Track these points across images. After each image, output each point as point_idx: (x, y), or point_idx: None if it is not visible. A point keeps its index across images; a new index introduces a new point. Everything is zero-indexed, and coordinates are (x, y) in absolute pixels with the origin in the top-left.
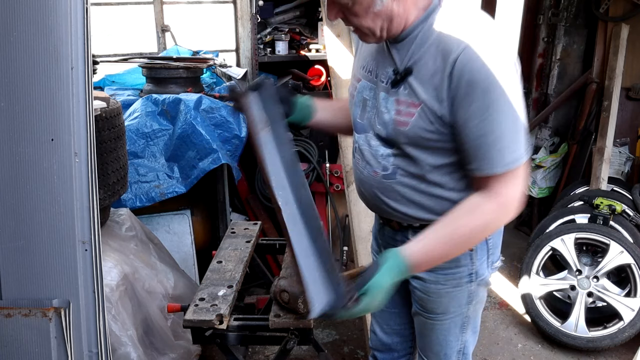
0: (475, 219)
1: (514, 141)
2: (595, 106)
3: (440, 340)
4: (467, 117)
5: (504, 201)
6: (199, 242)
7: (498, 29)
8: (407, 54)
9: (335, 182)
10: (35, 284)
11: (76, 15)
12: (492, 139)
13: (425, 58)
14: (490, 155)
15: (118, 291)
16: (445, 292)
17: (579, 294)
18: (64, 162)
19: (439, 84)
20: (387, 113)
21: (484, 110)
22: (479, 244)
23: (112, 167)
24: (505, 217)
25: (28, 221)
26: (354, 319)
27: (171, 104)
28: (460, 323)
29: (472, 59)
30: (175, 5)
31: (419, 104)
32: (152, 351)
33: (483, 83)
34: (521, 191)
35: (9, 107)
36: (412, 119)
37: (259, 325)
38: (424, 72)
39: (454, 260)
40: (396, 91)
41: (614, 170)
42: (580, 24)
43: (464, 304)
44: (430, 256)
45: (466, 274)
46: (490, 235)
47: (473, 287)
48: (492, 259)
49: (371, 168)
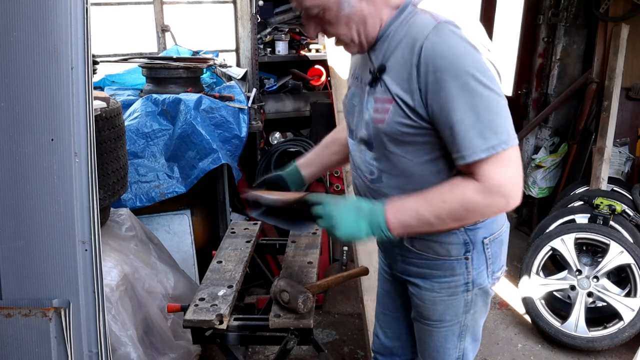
0: (454, 192)
1: (495, 123)
2: (595, 106)
3: (438, 347)
4: (441, 105)
5: (490, 185)
6: (199, 242)
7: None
8: (382, 52)
9: (335, 182)
10: (35, 284)
11: (76, 15)
12: (469, 124)
13: (396, 53)
14: (469, 141)
15: (118, 291)
16: (440, 300)
17: (579, 294)
18: (64, 162)
19: (408, 76)
20: (368, 113)
21: (456, 95)
22: (475, 253)
23: (112, 167)
24: (497, 203)
25: (28, 221)
26: (354, 319)
27: (171, 104)
28: (458, 331)
29: (436, 44)
30: (175, 5)
31: (392, 99)
32: (152, 351)
33: (450, 67)
34: (513, 176)
35: (9, 107)
36: (387, 115)
37: (259, 325)
38: (396, 67)
39: (448, 268)
40: (374, 90)
41: (614, 170)
42: (580, 24)
43: (460, 312)
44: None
45: (462, 282)
46: (488, 244)
47: (470, 296)
48: (493, 268)
49: (362, 173)
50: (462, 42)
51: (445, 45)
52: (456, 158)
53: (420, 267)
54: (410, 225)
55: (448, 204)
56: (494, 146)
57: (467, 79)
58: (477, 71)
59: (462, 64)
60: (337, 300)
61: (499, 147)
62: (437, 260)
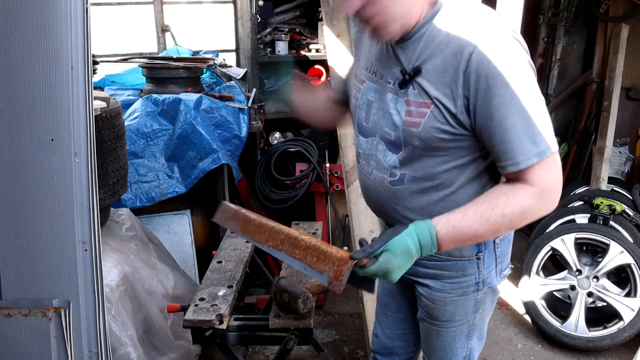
0: (513, 203)
1: (544, 128)
2: (595, 106)
3: (446, 347)
4: (492, 112)
5: (543, 189)
6: (199, 242)
7: (503, 20)
8: (415, 53)
9: (335, 182)
10: (35, 284)
11: (76, 15)
12: (522, 130)
13: (436, 56)
14: (523, 147)
15: (118, 291)
16: (452, 300)
17: (579, 294)
18: (64, 162)
19: (452, 82)
20: (397, 115)
21: (510, 102)
22: (486, 252)
23: (112, 167)
24: (546, 206)
25: (28, 221)
26: (354, 319)
27: (171, 104)
28: (467, 331)
29: (487, 53)
30: (175, 5)
31: (431, 103)
32: (152, 351)
33: (502, 76)
34: (560, 179)
35: (9, 107)
36: (424, 119)
37: (259, 325)
38: (434, 71)
39: (460, 269)
40: (405, 92)
41: (614, 170)
42: (580, 24)
43: (470, 312)
44: (459, 231)
45: (473, 282)
46: (499, 244)
47: (480, 295)
48: (501, 267)
49: (378, 174)
50: (511, 47)
51: (495, 55)
52: (505, 165)
53: (430, 269)
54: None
55: (508, 217)
56: (544, 150)
57: (519, 85)
58: (527, 76)
59: (515, 71)
60: (337, 300)
61: (548, 151)
62: (449, 262)
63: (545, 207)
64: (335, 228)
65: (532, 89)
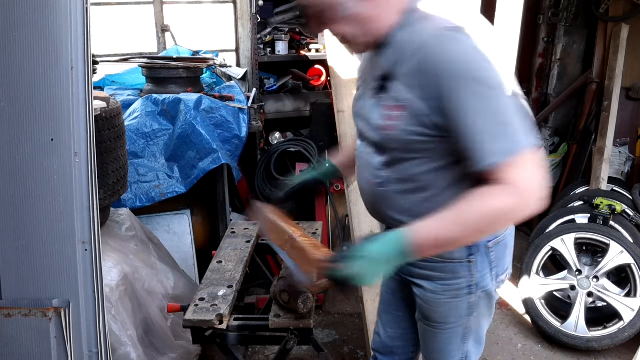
0: (489, 204)
1: (510, 124)
2: (595, 106)
3: (442, 348)
4: (453, 112)
5: (518, 187)
6: (199, 242)
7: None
8: (390, 59)
9: (335, 182)
10: (35, 284)
11: (76, 15)
12: (480, 128)
13: (407, 61)
14: (486, 146)
15: (118, 291)
16: (444, 302)
17: (579, 294)
18: (64, 162)
19: (420, 84)
20: (377, 119)
21: (465, 100)
22: (479, 256)
23: (112, 167)
24: (525, 205)
25: (28, 221)
26: (354, 319)
27: (171, 104)
28: (462, 334)
29: (440, 52)
30: (175, 5)
31: (403, 106)
32: (152, 351)
33: (457, 74)
34: (537, 179)
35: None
36: (398, 122)
37: (259, 325)
38: (406, 76)
39: (452, 271)
40: (382, 97)
41: (614, 170)
42: (580, 24)
43: (464, 315)
44: (435, 236)
45: (465, 285)
46: (492, 248)
47: (474, 299)
48: (497, 271)
49: (367, 176)
50: (465, 46)
51: (450, 52)
52: (472, 164)
53: (423, 269)
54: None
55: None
56: (512, 147)
57: (473, 84)
58: (483, 75)
59: (468, 69)
60: (337, 300)
61: (516, 148)
62: (440, 263)
63: (524, 207)
64: (335, 228)
65: (491, 87)
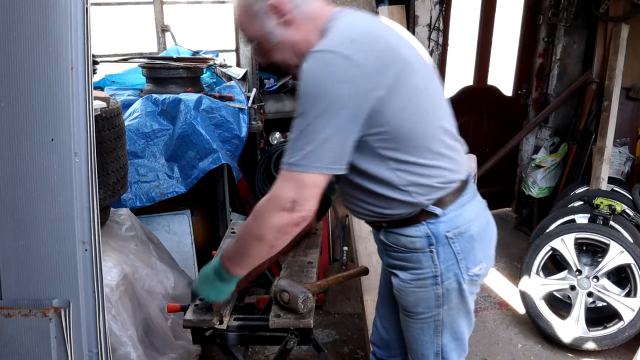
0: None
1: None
2: (595, 106)
3: (416, 338)
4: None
5: (272, 193)
6: (199, 242)
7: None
8: None
9: None
10: (35, 284)
11: (76, 15)
12: (291, 138)
13: None
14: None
15: (118, 291)
16: (412, 291)
17: (579, 294)
18: (64, 162)
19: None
20: None
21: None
22: (440, 247)
23: (112, 167)
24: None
25: (28, 221)
26: (354, 319)
27: (171, 104)
28: (434, 326)
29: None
30: (175, 5)
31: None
32: (152, 351)
33: (302, 89)
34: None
35: (9, 107)
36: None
37: (259, 325)
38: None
39: (416, 261)
40: None
41: (614, 170)
42: (580, 24)
43: (432, 306)
44: (231, 252)
45: (430, 275)
46: (453, 238)
47: (440, 290)
48: (466, 264)
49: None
50: (314, 66)
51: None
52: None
53: (396, 260)
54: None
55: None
56: (291, 163)
57: (302, 101)
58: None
59: (305, 87)
60: (337, 300)
61: (294, 166)
62: (407, 253)
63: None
64: (335, 228)
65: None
